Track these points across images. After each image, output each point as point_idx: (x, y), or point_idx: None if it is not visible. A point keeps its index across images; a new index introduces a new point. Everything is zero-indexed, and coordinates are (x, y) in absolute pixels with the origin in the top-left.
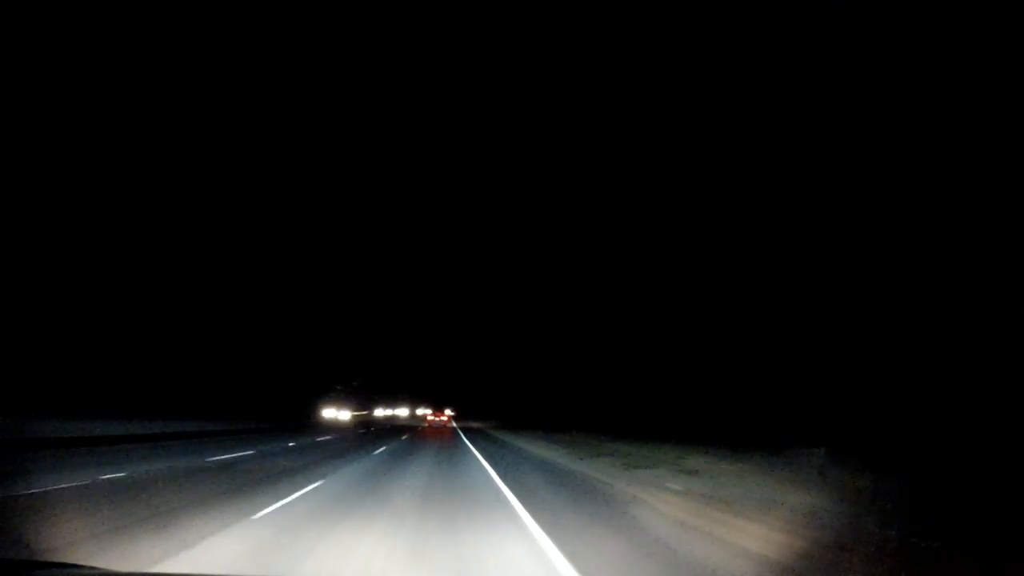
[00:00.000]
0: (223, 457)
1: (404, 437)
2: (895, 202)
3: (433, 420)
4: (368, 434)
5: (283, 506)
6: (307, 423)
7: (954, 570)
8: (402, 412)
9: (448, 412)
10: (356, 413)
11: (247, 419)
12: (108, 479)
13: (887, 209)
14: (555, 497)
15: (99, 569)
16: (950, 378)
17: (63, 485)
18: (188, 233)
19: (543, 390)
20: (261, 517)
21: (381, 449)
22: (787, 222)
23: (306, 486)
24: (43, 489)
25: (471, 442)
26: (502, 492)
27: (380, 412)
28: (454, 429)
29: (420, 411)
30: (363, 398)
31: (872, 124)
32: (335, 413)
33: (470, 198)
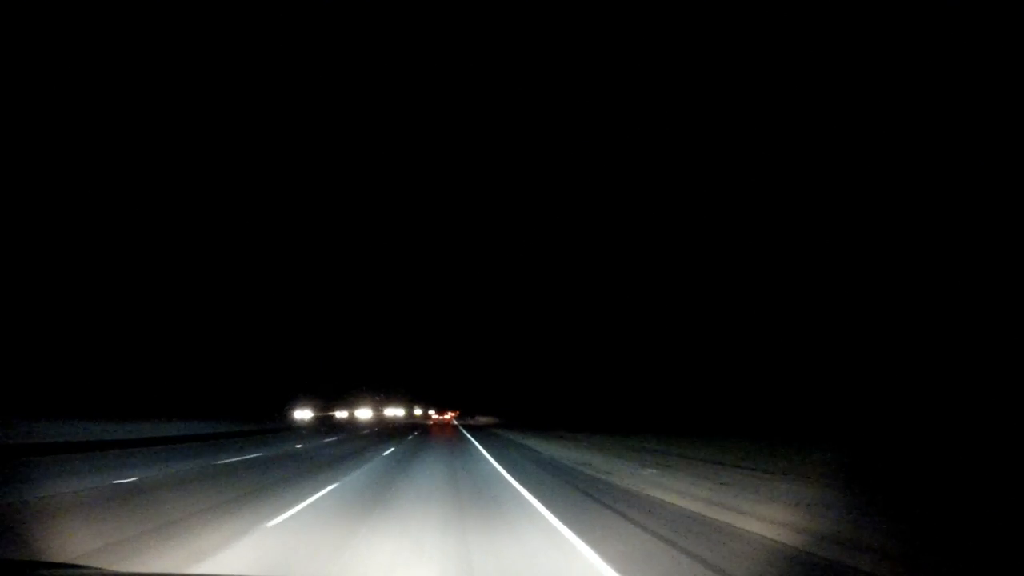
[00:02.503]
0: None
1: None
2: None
3: (438, 419)
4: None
5: None
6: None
7: None
8: (363, 414)
9: (451, 413)
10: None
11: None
12: None
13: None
14: None
15: (99, 569)
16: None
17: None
18: (180, 230)
19: (533, 388)
20: None
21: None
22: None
23: None
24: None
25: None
26: None
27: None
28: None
29: (390, 411)
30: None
31: (872, 124)
32: None
33: (470, 198)
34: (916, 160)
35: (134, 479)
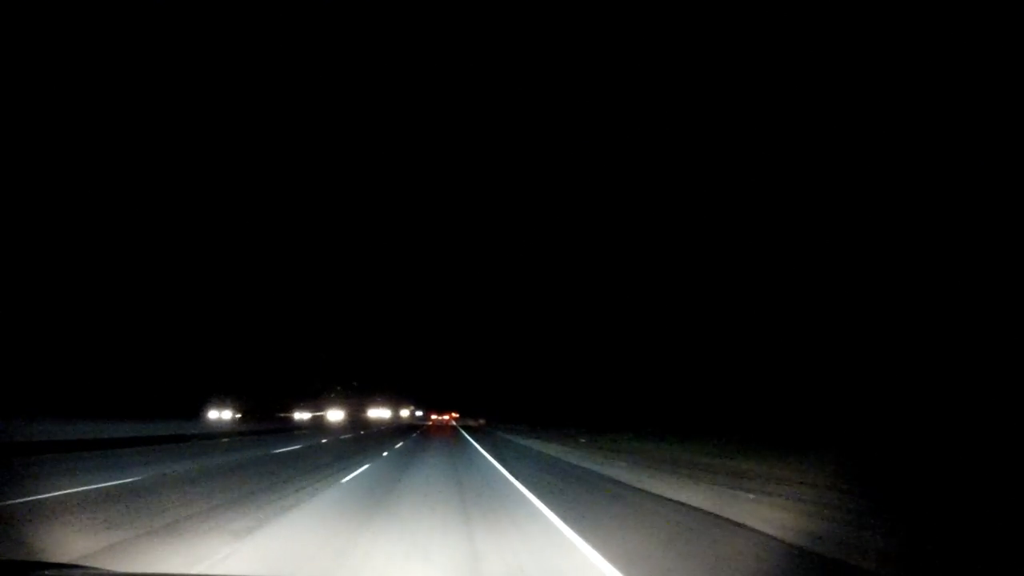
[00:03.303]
0: None
1: None
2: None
3: (437, 420)
4: None
5: None
6: None
7: None
8: (334, 416)
9: (450, 414)
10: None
11: None
12: None
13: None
14: None
15: (99, 569)
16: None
17: None
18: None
19: (527, 389)
20: None
21: None
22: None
23: None
24: None
25: None
26: None
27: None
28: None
29: (375, 413)
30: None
31: (872, 124)
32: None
33: (461, 198)
34: (916, 160)
35: None
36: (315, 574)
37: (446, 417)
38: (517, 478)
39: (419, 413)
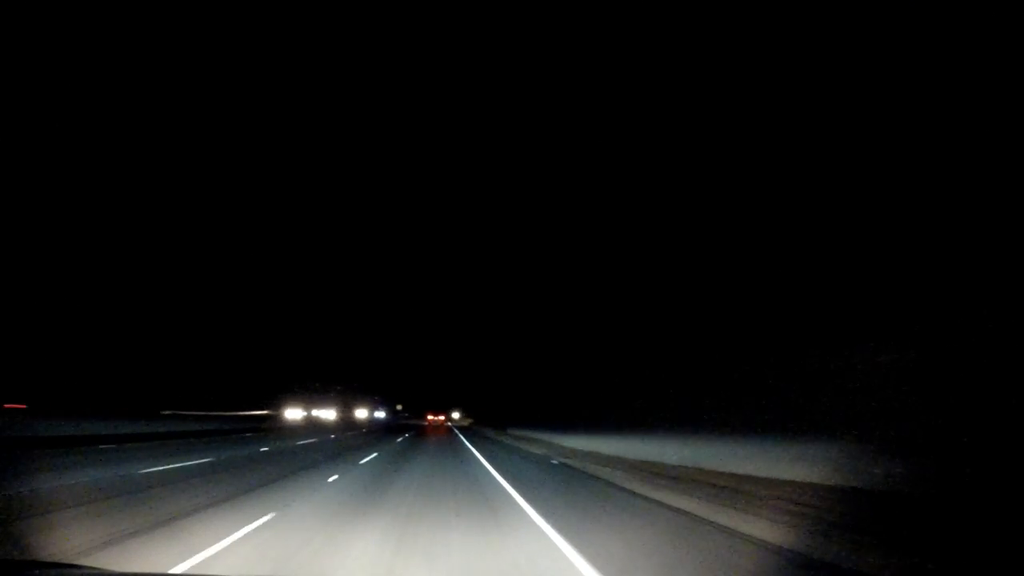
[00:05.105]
0: None
1: None
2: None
3: (432, 420)
4: None
5: None
6: None
7: None
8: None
9: (443, 415)
10: None
11: None
12: None
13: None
14: None
15: (99, 569)
16: None
17: None
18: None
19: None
20: None
21: None
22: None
23: None
24: None
25: None
26: None
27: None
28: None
29: (291, 413)
30: None
31: (874, 123)
32: None
33: (437, 197)
34: (913, 160)
35: None
36: (313, 574)
37: (441, 417)
38: None
39: (380, 414)
